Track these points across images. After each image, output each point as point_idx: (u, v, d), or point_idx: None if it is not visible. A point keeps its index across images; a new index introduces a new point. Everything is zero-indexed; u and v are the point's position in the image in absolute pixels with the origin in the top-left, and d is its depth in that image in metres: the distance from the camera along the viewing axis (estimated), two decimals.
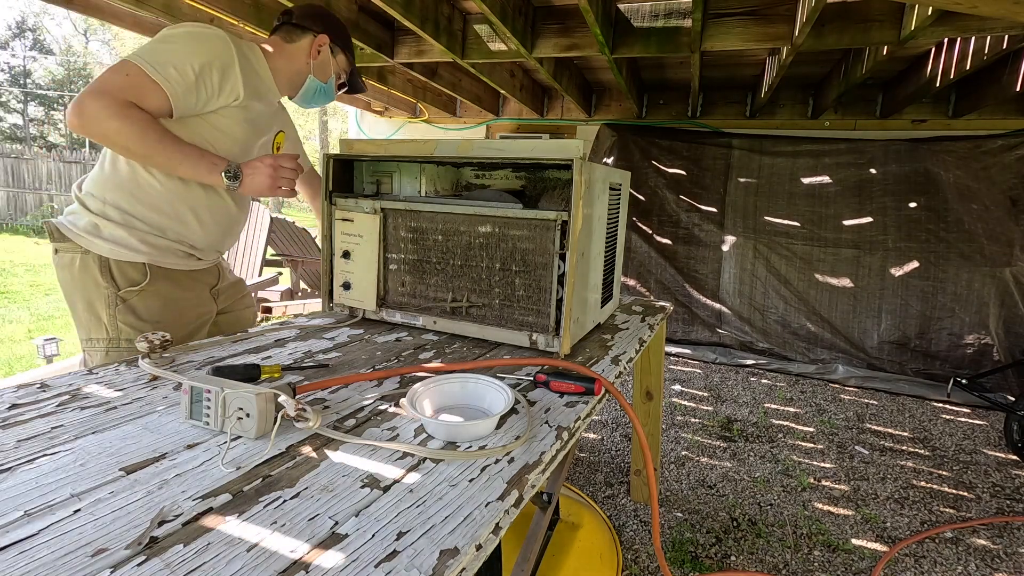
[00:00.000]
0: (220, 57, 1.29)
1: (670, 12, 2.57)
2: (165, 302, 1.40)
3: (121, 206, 1.33)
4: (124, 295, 1.34)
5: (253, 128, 1.45)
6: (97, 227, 1.33)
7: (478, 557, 0.61)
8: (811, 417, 3.19)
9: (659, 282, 4.39)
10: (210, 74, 1.27)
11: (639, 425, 1.01)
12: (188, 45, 1.26)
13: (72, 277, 1.34)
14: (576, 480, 2.37)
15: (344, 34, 1.57)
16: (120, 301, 1.34)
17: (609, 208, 1.44)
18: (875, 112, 3.85)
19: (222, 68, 1.29)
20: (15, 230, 11.65)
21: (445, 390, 0.96)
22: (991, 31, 2.15)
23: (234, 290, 1.68)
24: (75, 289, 1.35)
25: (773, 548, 1.98)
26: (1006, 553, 2.01)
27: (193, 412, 0.83)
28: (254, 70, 1.40)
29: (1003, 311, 3.59)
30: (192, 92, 1.26)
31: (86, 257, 1.32)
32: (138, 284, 1.35)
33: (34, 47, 27.48)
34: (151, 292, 1.37)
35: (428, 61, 3.34)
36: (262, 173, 1.32)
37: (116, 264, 1.33)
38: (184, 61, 1.23)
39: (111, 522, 0.61)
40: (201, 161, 1.28)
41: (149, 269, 1.36)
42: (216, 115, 1.35)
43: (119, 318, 1.34)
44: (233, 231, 1.57)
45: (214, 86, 1.29)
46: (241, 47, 1.35)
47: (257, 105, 1.43)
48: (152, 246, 1.36)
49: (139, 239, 1.34)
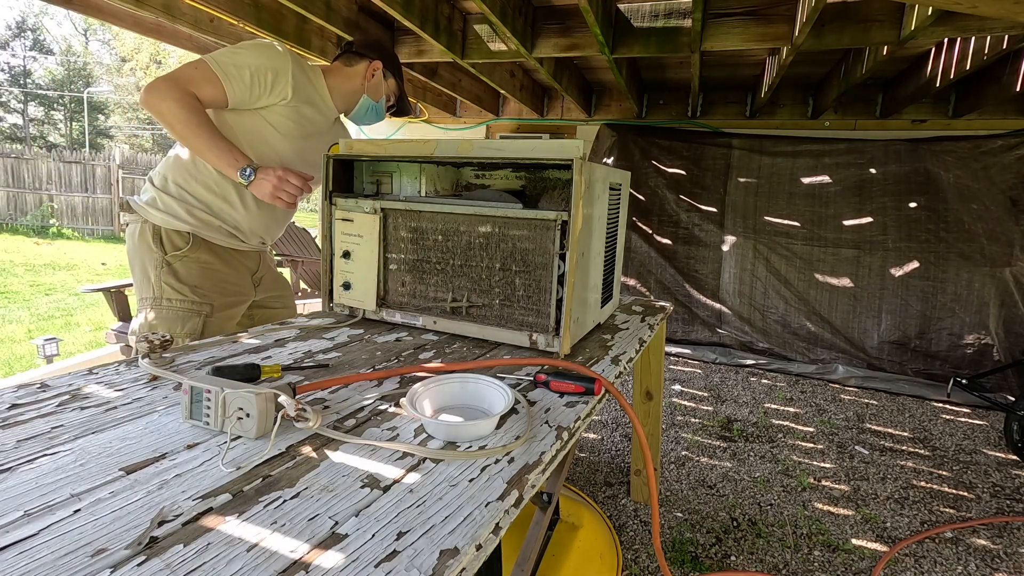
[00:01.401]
0: (275, 63, 1.52)
1: (670, 12, 2.57)
2: (204, 270, 1.59)
3: (179, 182, 1.56)
4: (169, 259, 1.55)
5: (300, 129, 1.64)
6: (155, 200, 1.56)
7: (478, 557, 0.61)
8: (811, 417, 3.19)
9: (659, 282, 4.39)
10: (264, 75, 1.50)
11: (639, 425, 1.01)
12: (251, 51, 1.51)
13: (134, 244, 1.57)
14: (576, 480, 2.37)
15: (396, 63, 1.81)
16: (166, 264, 1.54)
17: (609, 208, 1.44)
18: (875, 112, 3.85)
19: (275, 72, 1.52)
20: (15, 230, 11.66)
21: (445, 390, 0.96)
22: (991, 31, 2.15)
23: (275, 286, 1.86)
24: (135, 255, 1.57)
25: (773, 548, 1.98)
26: (1006, 553, 2.01)
27: (193, 412, 0.83)
28: (310, 82, 1.63)
29: (1003, 311, 3.59)
30: (246, 88, 1.49)
31: (144, 226, 1.55)
32: (180, 250, 1.55)
33: (34, 47, 27.48)
34: (192, 259, 1.57)
35: (428, 61, 3.34)
36: (268, 180, 1.46)
37: (166, 232, 1.55)
38: (244, 63, 1.48)
39: (111, 522, 0.61)
40: (226, 154, 1.45)
41: (192, 238, 1.56)
42: (268, 110, 1.57)
43: (163, 279, 1.54)
44: (276, 222, 1.75)
45: (267, 85, 1.51)
46: (301, 64, 1.60)
47: (308, 111, 1.64)
48: (198, 219, 1.57)
49: (187, 211, 1.55)
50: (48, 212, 12.18)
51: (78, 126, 27.19)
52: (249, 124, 1.57)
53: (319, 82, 1.68)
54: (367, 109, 1.78)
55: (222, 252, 1.63)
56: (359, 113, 1.79)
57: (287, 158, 1.65)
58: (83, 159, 12.62)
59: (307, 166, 1.72)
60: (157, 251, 1.54)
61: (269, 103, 1.56)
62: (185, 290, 1.55)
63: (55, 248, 10.09)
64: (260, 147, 1.60)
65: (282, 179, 1.46)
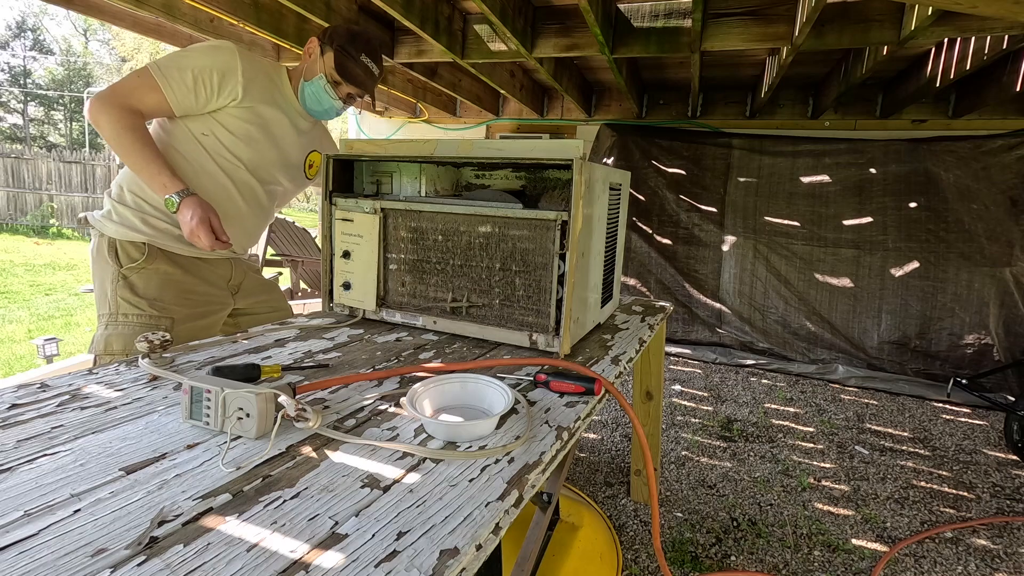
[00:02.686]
0: (222, 63, 1.42)
1: (670, 12, 2.57)
2: (164, 281, 1.50)
3: (134, 191, 1.49)
4: (125, 272, 1.46)
5: (260, 131, 1.54)
6: (111, 212, 1.49)
7: (478, 557, 0.61)
8: (811, 417, 3.19)
9: (659, 282, 4.39)
10: (208, 76, 1.41)
11: (639, 425, 1.01)
12: (197, 53, 1.42)
13: (93, 259, 1.51)
14: (576, 480, 2.37)
15: (340, 36, 1.55)
16: (121, 278, 1.46)
17: (609, 208, 1.44)
18: (875, 112, 3.85)
19: (222, 72, 1.42)
20: (15, 230, 11.65)
21: (445, 390, 0.96)
22: (991, 31, 2.15)
23: (260, 290, 1.78)
24: (95, 271, 1.51)
25: (773, 548, 1.98)
26: (1006, 553, 2.01)
27: (193, 412, 0.83)
28: (270, 81, 1.54)
29: (1003, 311, 3.59)
30: (189, 91, 1.40)
31: (101, 240, 1.48)
32: (136, 261, 1.47)
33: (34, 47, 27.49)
34: (150, 270, 1.48)
35: (428, 61, 3.34)
36: (185, 222, 1.38)
37: (121, 244, 1.47)
38: (187, 66, 1.39)
39: (111, 522, 0.61)
40: (156, 178, 1.38)
41: (148, 248, 1.48)
42: (220, 114, 1.48)
43: (119, 293, 1.46)
44: (244, 229, 1.64)
45: (212, 87, 1.42)
46: (258, 63, 1.51)
47: (268, 111, 1.54)
48: (155, 228, 1.49)
49: (142, 221, 1.48)
50: (48, 212, 12.18)
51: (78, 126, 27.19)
52: (204, 127, 1.49)
53: (281, 80, 1.58)
54: (306, 94, 1.59)
55: (184, 262, 1.54)
56: (304, 101, 1.61)
57: (251, 162, 1.56)
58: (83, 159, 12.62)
59: (274, 169, 1.63)
60: (112, 264, 1.46)
61: (220, 105, 1.46)
62: (142, 304, 1.46)
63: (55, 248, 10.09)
64: (218, 154, 1.51)
65: (193, 233, 1.37)
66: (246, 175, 1.57)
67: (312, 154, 1.73)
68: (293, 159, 1.67)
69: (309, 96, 1.58)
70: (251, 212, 1.63)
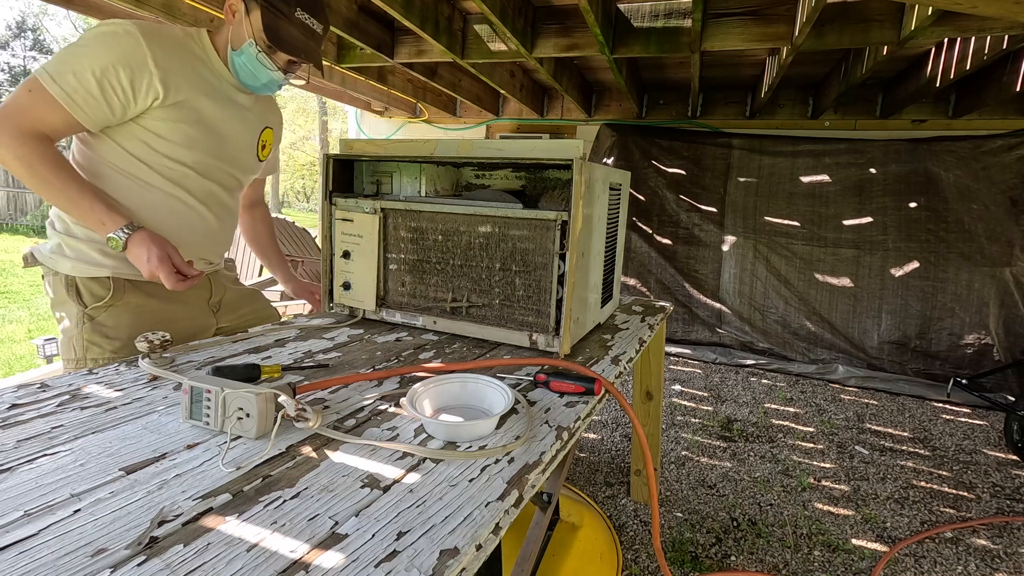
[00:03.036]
0: (126, 55, 1.14)
1: (670, 12, 2.57)
2: (138, 315, 1.29)
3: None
4: (91, 312, 1.25)
5: (204, 128, 1.29)
6: (61, 247, 1.27)
7: (478, 557, 0.61)
8: (811, 417, 3.19)
9: (659, 282, 4.39)
10: (115, 76, 1.13)
11: (639, 425, 1.01)
12: (93, 47, 1.13)
13: (51, 300, 1.30)
14: (576, 480, 2.37)
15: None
16: (87, 319, 1.25)
17: (609, 208, 1.44)
18: (875, 112, 3.85)
19: (130, 68, 1.14)
20: (15, 230, 11.65)
21: (445, 390, 0.96)
22: (991, 31, 2.15)
23: (243, 303, 1.56)
24: (55, 311, 1.30)
25: (773, 548, 1.98)
26: (1006, 553, 2.01)
27: (193, 412, 0.83)
28: (194, 59, 1.25)
29: (1003, 311, 3.59)
30: (98, 102, 1.14)
31: (56, 278, 1.27)
32: (103, 299, 1.25)
33: (34, 47, 27.49)
34: (121, 307, 1.27)
35: (428, 61, 3.34)
36: (142, 264, 1.16)
37: (82, 281, 1.25)
38: (85, 67, 1.11)
39: (111, 522, 0.61)
40: (90, 215, 1.15)
41: (113, 282, 1.26)
42: (147, 119, 1.21)
43: (86, 337, 1.25)
44: (215, 240, 1.43)
45: (124, 90, 1.15)
46: (170, 38, 1.20)
47: (203, 102, 1.27)
48: (116, 258, 1.26)
49: (100, 252, 1.26)
50: (48, 212, 12.18)
51: None
52: (131, 141, 1.22)
53: (206, 52, 1.28)
54: (238, 67, 1.29)
55: (158, 289, 1.30)
56: (236, 75, 1.31)
57: (200, 164, 1.31)
58: None
59: (228, 166, 1.39)
60: (75, 305, 1.25)
61: (141, 109, 1.19)
62: (115, 345, 1.26)
63: None
64: (160, 164, 1.26)
65: (152, 276, 1.16)
66: (200, 180, 1.33)
67: (264, 132, 1.48)
68: (245, 146, 1.42)
69: (242, 70, 1.29)
70: (218, 219, 1.41)
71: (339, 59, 3.26)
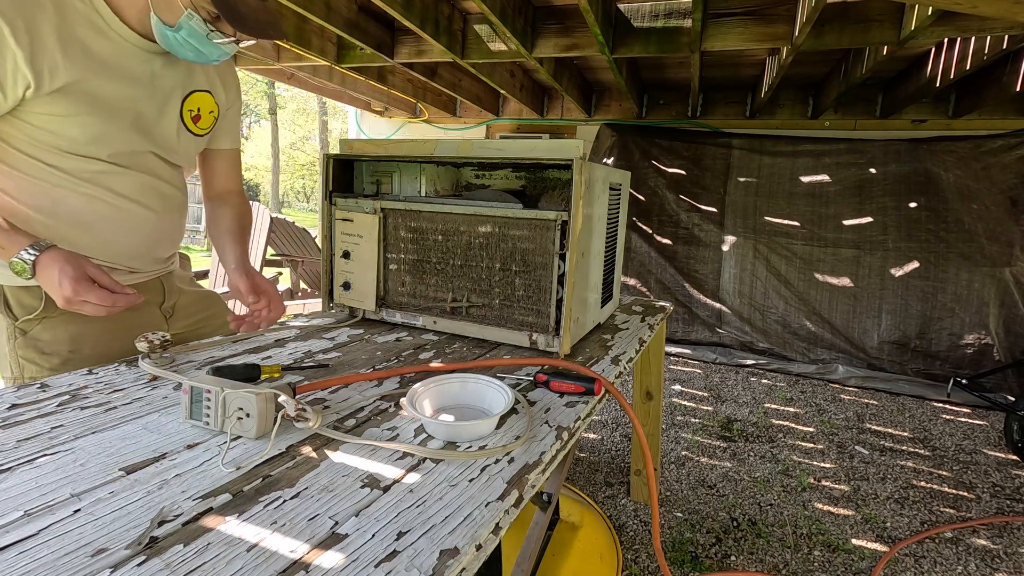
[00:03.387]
0: None
1: (670, 12, 2.57)
2: (79, 329, 1.13)
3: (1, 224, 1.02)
4: (22, 326, 1.10)
5: (106, 114, 1.05)
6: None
7: (478, 557, 0.61)
8: (811, 417, 3.19)
9: (659, 282, 4.39)
10: None
11: (639, 425, 1.01)
12: None
13: None
14: (576, 480, 2.37)
15: None
16: (19, 333, 1.11)
17: (609, 208, 1.44)
18: (875, 112, 3.85)
19: None
20: None
21: (445, 390, 0.96)
22: (991, 31, 2.15)
23: (198, 308, 1.39)
24: None
25: (773, 548, 1.98)
26: (1006, 553, 2.01)
27: (193, 412, 0.83)
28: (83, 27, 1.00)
29: (1003, 311, 3.59)
30: None
31: None
32: (35, 311, 1.10)
33: None
34: (57, 319, 1.11)
35: (428, 61, 3.34)
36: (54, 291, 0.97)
37: (10, 291, 1.10)
38: None
39: (111, 522, 0.61)
40: None
41: (45, 292, 1.07)
42: (32, 114, 0.99)
43: (19, 353, 1.11)
44: (159, 236, 1.24)
45: None
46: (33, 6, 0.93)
47: (96, 81, 1.02)
48: None
49: None
50: None
51: None
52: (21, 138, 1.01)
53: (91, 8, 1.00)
54: (174, 43, 1.05)
55: None
56: (164, 43, 1.06)
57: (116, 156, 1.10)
58: None
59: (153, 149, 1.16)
60: (4, 318, 1.11)
61: (16, 100, 0.96)
62: (52, 361, 1.11)
63: None
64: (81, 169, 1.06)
65: (71, 302, 0.96)
66: (124, 175, 1.12)
67: (191, 97, 1.20)
68: (168, 121, 1.17)
69: (181, 47, 1.06)
70: (158, 214, 1.21)
71: (339, 59, 3.26)
